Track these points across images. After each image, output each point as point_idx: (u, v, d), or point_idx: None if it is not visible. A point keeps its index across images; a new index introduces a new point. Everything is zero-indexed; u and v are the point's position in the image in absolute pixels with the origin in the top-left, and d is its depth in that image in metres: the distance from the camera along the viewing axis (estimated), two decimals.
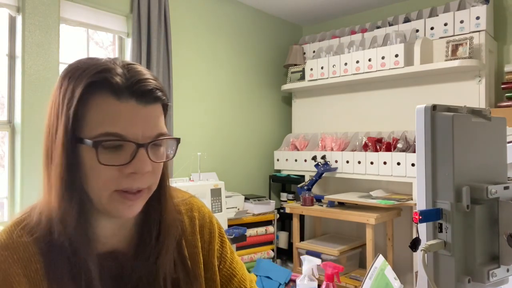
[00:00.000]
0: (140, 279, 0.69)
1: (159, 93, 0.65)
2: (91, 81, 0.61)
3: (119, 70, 0.63)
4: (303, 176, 3.59)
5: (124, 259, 0.70)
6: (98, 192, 0.63)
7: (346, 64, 3.38)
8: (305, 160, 3.55)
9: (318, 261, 1.29)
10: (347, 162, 3.27)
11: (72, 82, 0.62)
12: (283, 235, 3.64)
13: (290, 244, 3.57)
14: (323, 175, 3.33)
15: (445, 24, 3.03)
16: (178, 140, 0.69)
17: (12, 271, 0.61)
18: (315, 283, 1.25)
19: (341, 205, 3.18)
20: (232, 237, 2.67)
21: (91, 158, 0.61)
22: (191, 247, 0.78)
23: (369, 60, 3.23)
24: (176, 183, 2.59)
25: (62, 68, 2.57)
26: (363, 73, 3.27)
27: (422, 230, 0.71)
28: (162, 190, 0.73)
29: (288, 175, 3.70)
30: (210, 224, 0.83)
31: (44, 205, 0.65)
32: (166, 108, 0.69)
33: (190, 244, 0.78)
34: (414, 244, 0.67)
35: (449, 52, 2.89)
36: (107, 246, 0.70)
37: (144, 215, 0.73)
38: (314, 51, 3.82)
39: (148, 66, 2.85)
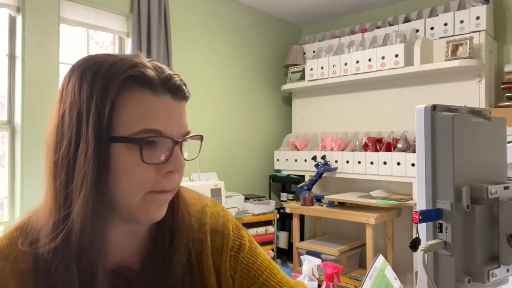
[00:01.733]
0: (153, 285, 0.65)
1: (186, 89, 0.64)
2: (128, 75, 0.57)
3: (149, 65, 0.60)
4: (303, 176, 3.59)
5: (130, 272, 0.66)
6: (130, 194, 0.58)
7: (346, 64, 3.38)
8: (305, 160, 3.55)
9: (318, 261, 1.29)
10: (347, 162, 3.27)
11: (99, 79, 0.57)
12: (283, 235, 3.64)
13: (290, 244, 3.57)
14: (323, 175, 3.33)
15: (445, 24, 3.03)
16: (201, 138, 0.68)
17: (9, 285, 0.57)
18: (315, 283, 1.25)
19: (341, 205, 3.18)
20: None
21: (128, 157, 0.57)
22: (200, 259, 0.71)
23: (369, 60, 3.23)
24: None
25: (62, 68, 2.57)
26: (363, 73, 3.27)
27: (422, 230, 0.71)
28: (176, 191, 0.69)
29: (288, 175, 3.70)
30: (223, 229, 0.75)
31: (48, 214, 0.58)
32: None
33: (199, 255, 0.71)
34: (414, 244, 0.67)
35: (449, 52, 2.89)
36: (115, 258, 0.64)
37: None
38: (314, 51, 3.82)
39: None
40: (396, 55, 3.08)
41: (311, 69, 3.61)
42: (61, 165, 0.57)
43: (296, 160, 3.64)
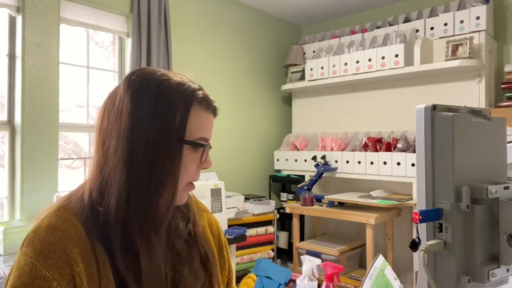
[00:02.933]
0: (179, 253, 0.79)
1: None
2: (200, 97, 0.76)
3: (199, 88, 0.79)
4: (303, 176, 3.59)
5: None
6: (181, 182, 0.76)
7: (346, 64, 3.38)
8: (305, 160, 3.55)
9: (318, 261, 1.29)
10: (347, 162, 3.27)
11: (176, 94, 0.74)
12: (283, 235, 3.64)
13: (290, 244, 3.57)
14: (323, 175, 3.33)
15: (445, 24, 3.03)
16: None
17: (68, 249, 0.67)
18: (315, 283, 1.25)
19: (341, 205, 3.18)
20: (232, 237, 2.67)
21: (191, 155, 0.76)
22: (205, 236, 0.88)
23: (369, 60, 3.23)
24: None
25: (62, 68, 2.57)
26: (363, 73, 3.27)
27: (422, 230, 0.71)
28: None
29: (288, 175, 3.70)
30: (216, 223, 0.96)
31: (124, 193, 0.71)
32: None
33: (205, 236, 0.88)
34: (414, 244, 0.67)
35: (449, 52, 2.89)
36: None
37: None
38: (314, 51, 3.82)
39: (148, 66, 2.85)
40: (396, 55, 3.08)
41: (311, 69, 3.61)
42: (139, 155, 0.71)
43: (296, 160, 3.64)
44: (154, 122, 0.72)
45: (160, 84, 0.74)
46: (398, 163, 2.97)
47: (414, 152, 2.85)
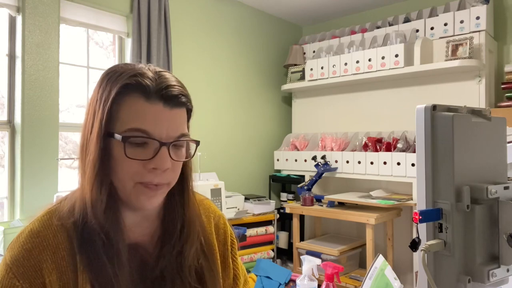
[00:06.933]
0: (165, 268, 0.74)
1: (184, 99, 0.73)
2: (125, 83, 0.69)
3: (150, 75, 0.70)
4: (303, 176, 3.59)
5: (145, 252, 0.76)
6: (123, 182, 0.69)
7: (346, 64, 3.38)
8: (305, 160, 3.55)
9: (318, 261, 1.29)
10: (347, 162, 3.27)
11: (109, 83, 0.70)
12: (283, 235, 3.64)
13: (290, 244, 3.57)
14: (323, 175, 3.32)
15: (445, 24, 3.03)
16: (197, 142, 0.77)
17: (42, 258, 0.66)
18: (315, 283, 1.25)
19: (341, 205, 3.18)
20: None
21: (119, 151, 0.68)
22: (209, 245, 0.83)
23: (369, 60, 3.23)
24: None
25: (62, 68, 2.58)
26: (363, 73, 3.27)
27: (422, 230, 0.71)
28: (185, 186, 0.79)
29: (288, 175, 3.70)
30: (225, 226, 0.90)
31: (79, 195, 0.71)
32: (190, 112, 0.77)
33: (208, 242, 0.83)
34: (414, 244, 0.67)
35: (449, 52, 2.89)
36: (130, 238, 0.74)
37: (167, 208, 0.78)
38: (314, 51, 3.82)
39: None
40: (396, 55, 3.08)
41: (311, 69, 3.61)
42: (82, 151, 0.72)
43: (296, 160, 3.64)
44: (92, 114, 0.71)
45: (106, 76, 0.72)
46: (398, 163, 2.97)
47: (414, 152, 2.85)
